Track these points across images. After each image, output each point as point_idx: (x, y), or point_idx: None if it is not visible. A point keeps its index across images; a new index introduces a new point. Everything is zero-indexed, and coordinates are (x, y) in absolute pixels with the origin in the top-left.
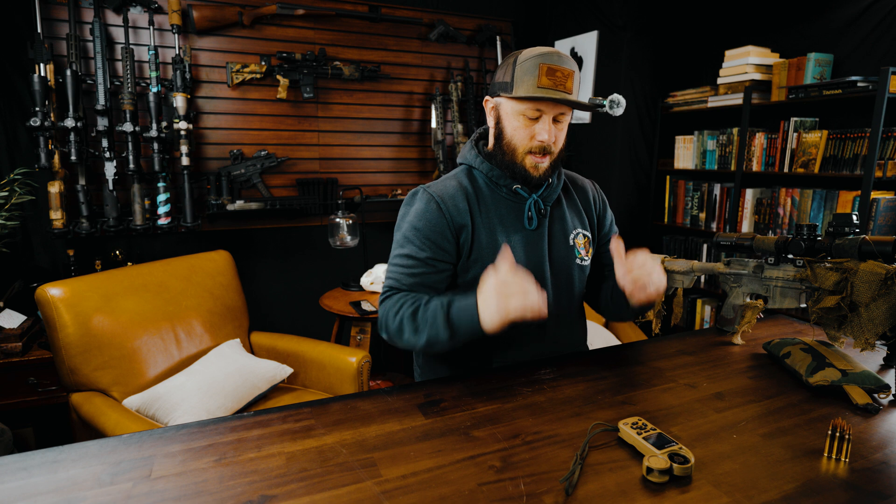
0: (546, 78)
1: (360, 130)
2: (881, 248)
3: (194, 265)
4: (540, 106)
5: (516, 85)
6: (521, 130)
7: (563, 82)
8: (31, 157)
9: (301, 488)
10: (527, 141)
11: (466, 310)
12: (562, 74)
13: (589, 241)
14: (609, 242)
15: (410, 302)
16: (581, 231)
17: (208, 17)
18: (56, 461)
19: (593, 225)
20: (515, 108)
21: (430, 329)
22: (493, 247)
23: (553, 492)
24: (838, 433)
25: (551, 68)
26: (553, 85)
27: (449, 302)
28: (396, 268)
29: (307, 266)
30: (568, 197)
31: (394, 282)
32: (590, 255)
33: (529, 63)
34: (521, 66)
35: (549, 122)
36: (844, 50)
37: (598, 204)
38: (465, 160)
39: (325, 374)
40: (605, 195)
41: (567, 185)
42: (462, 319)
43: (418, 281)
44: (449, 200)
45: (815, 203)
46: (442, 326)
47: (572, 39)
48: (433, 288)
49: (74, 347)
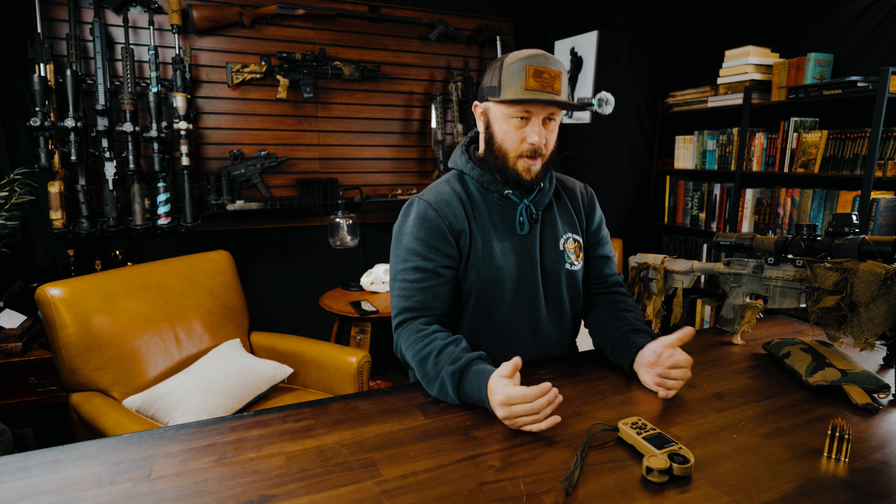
0: (533, 80)
1: (360, 130)
2: (881, 248)
3: (194, 265)
4: (529, 108)
5: (504, 88)
6: (512, 134)
7: (550, 83)
8: (31, 157)
9: (301, 488)
10: (517, 144)
11: (477, 392)
12: (549, 76)
13: (579, 246)
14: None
15: (423, 357)
16: (571, 236)
17: (208, 17)
18: (56, 461)
19: (583, 227)
20: (504, 111)
21: (440, 392)
22: (487, 252)
23: (553, 492)
24: (838, 433)
25: (538, 70)
26: (541, 87)
27: (459, 376)
28: (405, 283)
29: (307, 266)
30: (559, 201)
31: (404, 301)
32: (580, 259)
33: (516, 66)
34: (507, 70)
35: (539, 123)
36: (844, 50)
37: (586, 204)
38: (456, 165)
39: (325, 374)
40: (594, 194)
41: (558, 188)
42: (472, 398)
43: (430, 295)
44: (445, 207)
45: (815, 203)
46: (453, 397)
47: (572, 39)
48: (444, 299)
49: (74, 347)
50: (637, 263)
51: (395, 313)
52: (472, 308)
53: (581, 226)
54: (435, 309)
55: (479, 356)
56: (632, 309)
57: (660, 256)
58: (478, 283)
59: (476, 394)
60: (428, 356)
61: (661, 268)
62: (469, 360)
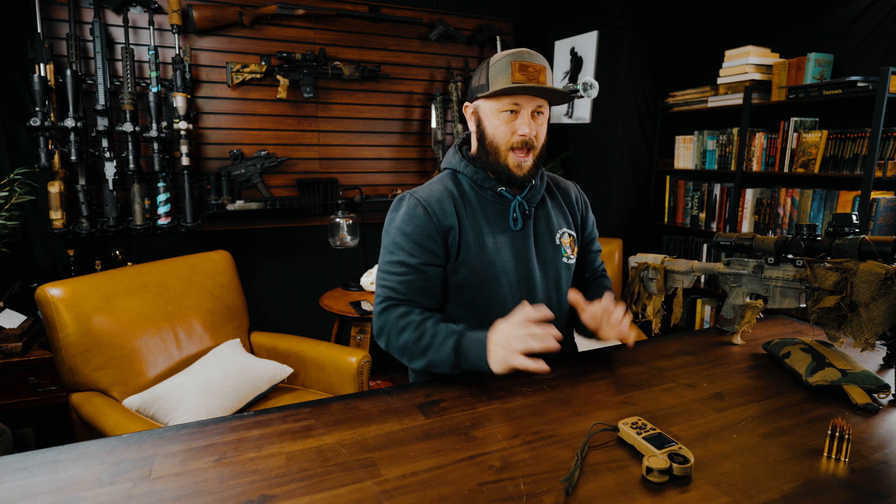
0: (519, 73)
1: (360, 130)
2: (881, 248)
3: (194, 265)
4: (517, 100)
5: (492, 83)
6: (502, 127)
7: (536, 76)
8: (31, 157)
9: (301, 488)
10: (508, 136)
11: (477, 344)
12: (534, 69)
13: (574, 241)
14: (590, 245)
15: (415, 326)
16: (566, 230)
17: (208, 17)
18: (56, 461)
19: (577, 225)
20: (494, 106)
21: (435, 353)
22: (480, 248)
23: (553, 492)
24: (838, 433)
25: (523, 64)
26: (527, 79)
27: (461, 332)
28: (389, 275)
29: (307, 266)
30: (552, 197)
31: (389, 291)
32: (575, 254)
33: (502, 62)
34: (494, 67)
35: (528, 116)
36: (844, 50)
37: (581, 205)
38: (450, 165)
39: (325, 374)
40: (587, 198)
41: (550, 186)
42: (471, 352)
43: (413, 288)
44: (435, 204)
45: (815, 203)
46: (449, 352)
47: (572, 39)
48: (428, 293)
49: (74, 347)
50: (637, 263)
51: (379, 300)
52: (465, 303)
53: (577, 223)
54: (417, 302)
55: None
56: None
57: (660, 256)
58: (470, 278)
59: (475, 349)
60: (424, 333)
61: (661, 268)
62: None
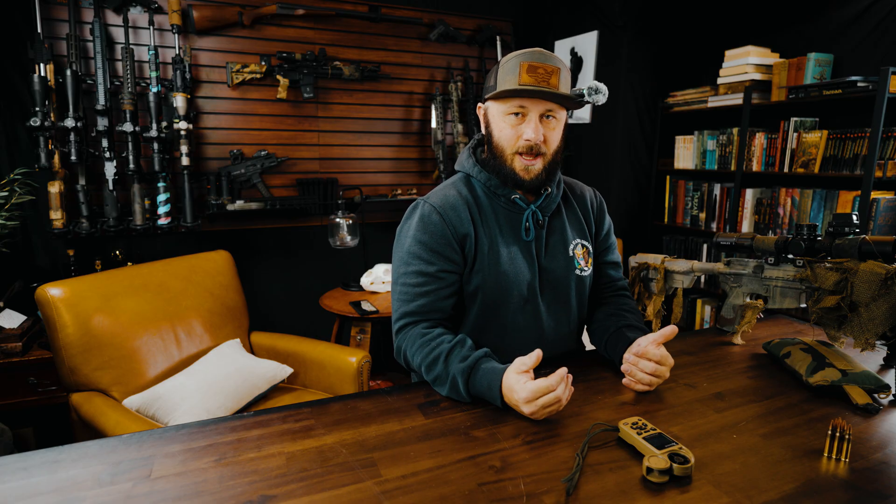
0: (527, 75)
1: (360, 130)
2: (881, 248)
3: (194, 265)
4: (522, 102)
5: (499, 85)
6: (507, 130)
7: (545, 79)
8: (31, 157)
9: (301, 488)
10: (513, 140)
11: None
12: (544, 71)
13: (588, 252)
14: (605, 254)
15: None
16: (580, 241)
17: (208, 17)
18: (56, 461)
19: (592, 233)
20: (500, 108)
21: (450, 391)
22: (494, 257)
23: (553, 492)
24: (838, 433)
25: (532, 65)
26: (535, 81)
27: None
28: (407, 287)
29: (307, 266)
30: (567, 206)
31: (405, 305)
32: (590, 265)
33: (511, 63)
34: (503, 67)
35: (536, 120)
36: (844, 50)
37: (596, 210)
38: (463, 168)
39: (325, 374)
40: (604, 201)
41: (566, 193)
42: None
43: (430, 300)
44: (451, 210)
45: (815, 203)
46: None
47: (572, 39)
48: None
49: (74, 347)
50: (637, 263)
51: (396, 318)
52: (477, 311)
53: (590, 231)
54: (436, 313)
55: (486, 353)
56: (633, 311)
57: (660, 256)
58: (483, 287)
59: (487, 391)
60: (437, 359)
61: (661, 268)
62: (477, 359)
